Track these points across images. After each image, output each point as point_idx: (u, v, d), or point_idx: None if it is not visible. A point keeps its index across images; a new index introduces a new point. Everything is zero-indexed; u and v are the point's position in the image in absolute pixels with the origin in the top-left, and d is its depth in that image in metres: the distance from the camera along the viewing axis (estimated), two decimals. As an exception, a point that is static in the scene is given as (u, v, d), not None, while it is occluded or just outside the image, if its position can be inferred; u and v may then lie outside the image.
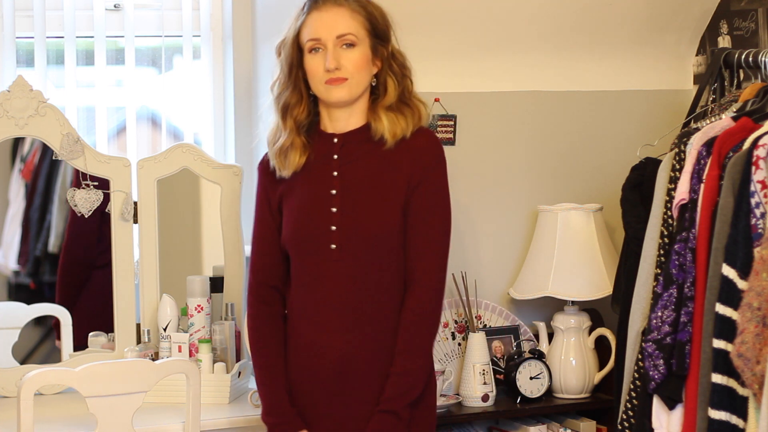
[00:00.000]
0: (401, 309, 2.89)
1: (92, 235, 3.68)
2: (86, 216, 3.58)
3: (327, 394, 2.93)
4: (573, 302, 3.72)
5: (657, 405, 3.07)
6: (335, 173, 2.94)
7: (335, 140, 2.97)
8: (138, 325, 3.64)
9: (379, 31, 2.93)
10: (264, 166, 3.06)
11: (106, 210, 3.60)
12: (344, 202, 2.91)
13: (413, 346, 2.87)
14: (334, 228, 2.90)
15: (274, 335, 3.00)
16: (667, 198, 3.19)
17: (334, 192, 2.93)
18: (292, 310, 2.99)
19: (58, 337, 3.67)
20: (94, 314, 3.70)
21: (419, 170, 2.90)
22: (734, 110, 3.20)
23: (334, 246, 2.90)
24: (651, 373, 3.04)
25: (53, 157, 3.58)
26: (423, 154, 2.92)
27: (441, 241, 2.93)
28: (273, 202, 3.02)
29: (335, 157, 2.95)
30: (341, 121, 2.97)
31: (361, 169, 2.93)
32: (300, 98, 2.97)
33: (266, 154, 3.07)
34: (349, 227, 2.89)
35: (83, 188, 3.58)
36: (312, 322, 2.94)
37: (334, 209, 2.91)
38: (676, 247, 3.05)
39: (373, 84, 2.96)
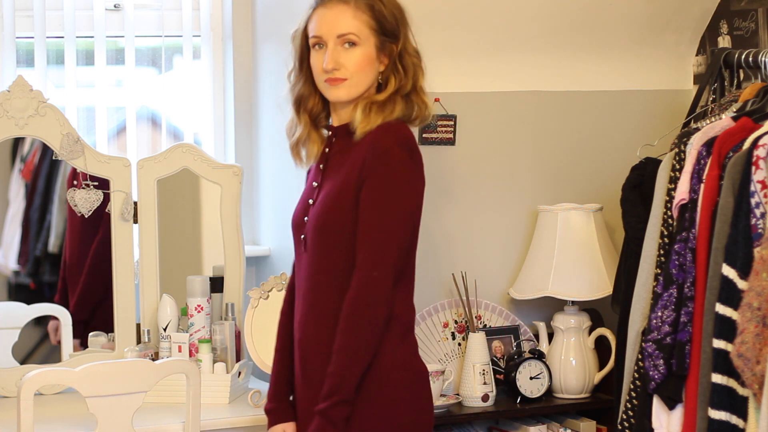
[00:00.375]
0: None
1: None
2: (86, 216, 3.59)
3: (298, 386, 2.95)
4: (573, 302, 3.72)
5: (657, 405, 3.07)
6: (321, 166, 2.95)
7: (329, 133, 2.97)
8: (138, 325, 3.64)
9: (386, 29, 2.88)
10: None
11: (107, 210, 3.60)
12: (318, 194, 2.92)
13: (342, 346, 2.77)
14: (306, 219, 2.92)
15: (292, 324, 3.01)
16: (667, 198, 3.19)
17: (315, 184, 2.94)
18: None
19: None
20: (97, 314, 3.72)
21: (367, 164, 2.81)
22: (734, 110, 3.20)
23: (303, 236, 2.91)
24: (651, 373, 3.04)
25: (53, 157, 3.58)
26: (373, 147, 2.82)
27: (381, 238, 2.78)
28: None
29: (326, 150, 2.96)
30: (342, 115, 2.95)
31: (338, 162, 2.92)
32: (313, 90, 2.95)
33: None
34: (312, 219, 2.89)
35: (83, 188, 3.58)
36: (294, 313, 2.97)
37: (311, 201, 2.92)
38: (676, 247, 3.05)
39: (381, 81, 2.92)
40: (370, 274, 2.77)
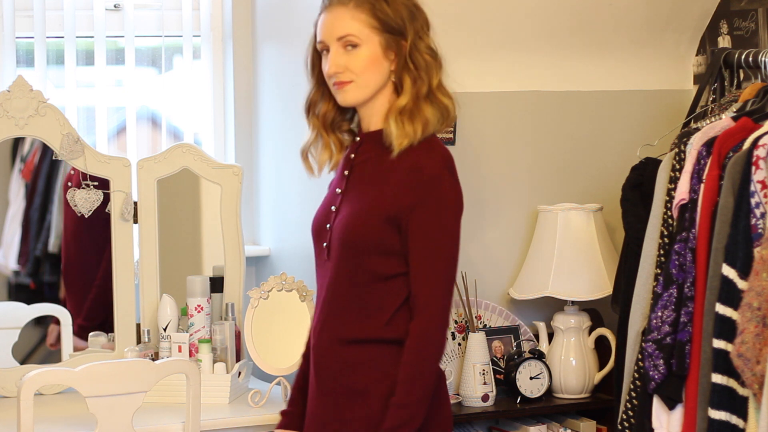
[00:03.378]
0: (407, 335, 2.80)
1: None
2: (86, 216, 3.59)
3: (311, 392, 2.92)
4: (573, 302, 3.72)
5: (657, 405, 3.07)
6: (346, 172, 2.92)
7: (357, 139, 2.94)
8: (138, 325, 3.64)
9: (391, 26, 2.83)
10: None
11: (106, 210, 3.60)
12: (342, 201, 2.89)
13: (414, 377, 2.76)
14: (328, 226, 2.89)
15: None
16: (667, 198, 3.19)
17: (339, 191, 2.91)
18: None
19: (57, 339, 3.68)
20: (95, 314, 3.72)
21: (412, 191, 2.78)
22: (734, 110, 3.20)
23: (325, 244, 2.89)
24: (651, 373, 3.04)
25: (53, 157, 3.58)
26: (417, 176, 2.78)
27: (443, 268, 2.79)
28: None
29: (352, 156, 2.93)
30: (365, 120, 2.91)
31: (366, 171, 2.89)
32: (325, 95, 2.92)
33: None
34: (336, 228, 2.86)
35: (83, 188, 3.58)
36: (314, 321, 2.95)
37: (334, 208, 2.91)
38: (676, 247, 3.05)
39: (394, 80, 2.88)
40: (441, 304, 2.78)
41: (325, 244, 2.88)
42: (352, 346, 2.83)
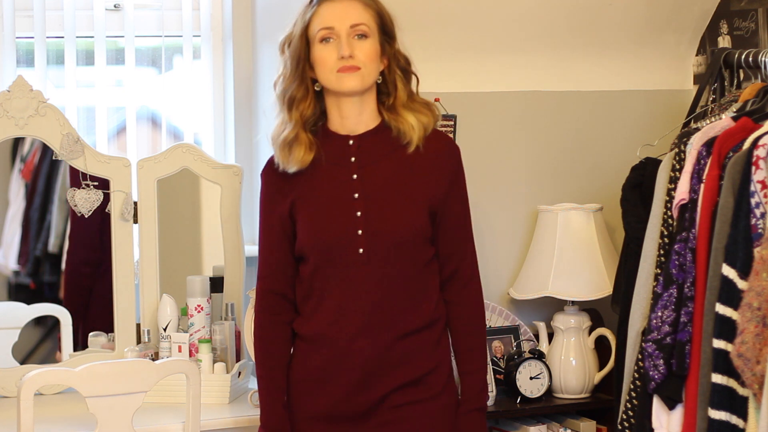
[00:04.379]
0: (456, 307, 2.98)
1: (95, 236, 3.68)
2: (86, 216, 3.59)
3: (351, 396, 2.92)
4: (573, 302, 3.72)
5: (657, 405, 3.07)
6: (355, 176, 2.92)
7: (351, 142, 2.95)
8: (138, 325, 3.63)
9: (387, 28, 2.94)
10: (268, 173, 3.02)
11: (106, 210, 3.60)
12: (369, 205, 2.90)
13: (482, 341, 3.00)
14: (360, 232, 2.89)
15: (277, 346, 3.00)
16: (667, 198, 3.19)
17: (356, 195, 2.91)
18: (317, 317, 2.95)
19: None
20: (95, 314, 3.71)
21: (447, 175, 2.95)
22: (734, 110, 3.20)
23: (361, 250, 2.89)
24: (651, 373, 3.04)
25: (53, 157, 3.58)
26: (447, 159, 2.96)
27: (472, 237, 3.03)
28: (281, 209, 2.97)
29: (353, 159, 2.94)
30: (352, 119, 2.94)
31: (382, 171, 2.92)
32: (306, 93, 2.95)
33: (268, 161, 3.04)
34: (376, 231, 2.89)
35: (83, 188, 3.58)
36: (340, 327, 2.91)
37: (359, 213, 2.90)
38: (676, 247, 3.05)
39: (379, 81, 2.94)
40: (479, 275, 3.03)
41: (361, 250, 2.89)
42: (409, 338, 2.92)
